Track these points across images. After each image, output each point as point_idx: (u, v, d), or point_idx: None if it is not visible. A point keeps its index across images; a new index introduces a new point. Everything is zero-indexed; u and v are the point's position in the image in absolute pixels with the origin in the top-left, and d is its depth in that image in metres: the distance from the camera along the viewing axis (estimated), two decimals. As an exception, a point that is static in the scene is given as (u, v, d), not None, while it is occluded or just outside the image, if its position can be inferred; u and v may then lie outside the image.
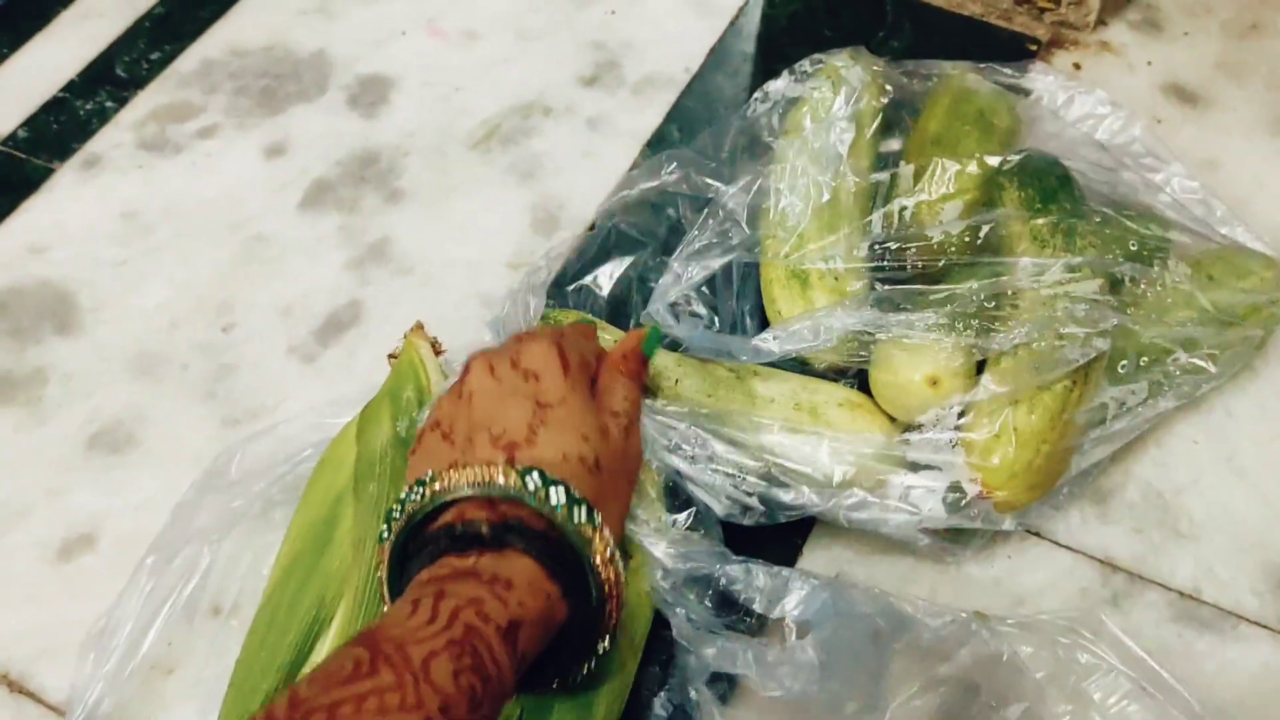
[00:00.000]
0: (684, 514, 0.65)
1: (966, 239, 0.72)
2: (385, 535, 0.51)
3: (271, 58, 0.99)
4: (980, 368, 0.69)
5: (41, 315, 0.84)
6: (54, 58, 1.00)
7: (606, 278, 0.81)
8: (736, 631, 0.63)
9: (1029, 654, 0.62)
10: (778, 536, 0.69)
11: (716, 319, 0.77)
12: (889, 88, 0.83)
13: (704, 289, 0.77)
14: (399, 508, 0.50)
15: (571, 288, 0.81)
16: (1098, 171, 0.76)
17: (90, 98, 0.97)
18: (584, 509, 0.49)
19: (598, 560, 0.49)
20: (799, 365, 0.73)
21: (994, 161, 0.75)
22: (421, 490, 0.50)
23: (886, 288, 0.71)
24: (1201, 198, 0.79)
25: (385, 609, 0.50)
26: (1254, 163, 0.89)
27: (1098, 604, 0.69)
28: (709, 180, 0.79)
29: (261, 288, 0.85)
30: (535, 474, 0.49)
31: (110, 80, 0.98)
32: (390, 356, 0.74)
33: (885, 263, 0.73)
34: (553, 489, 0.49)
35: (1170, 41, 0.97)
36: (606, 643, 0.51)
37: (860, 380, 0.72)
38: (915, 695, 0.61)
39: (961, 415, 0.68)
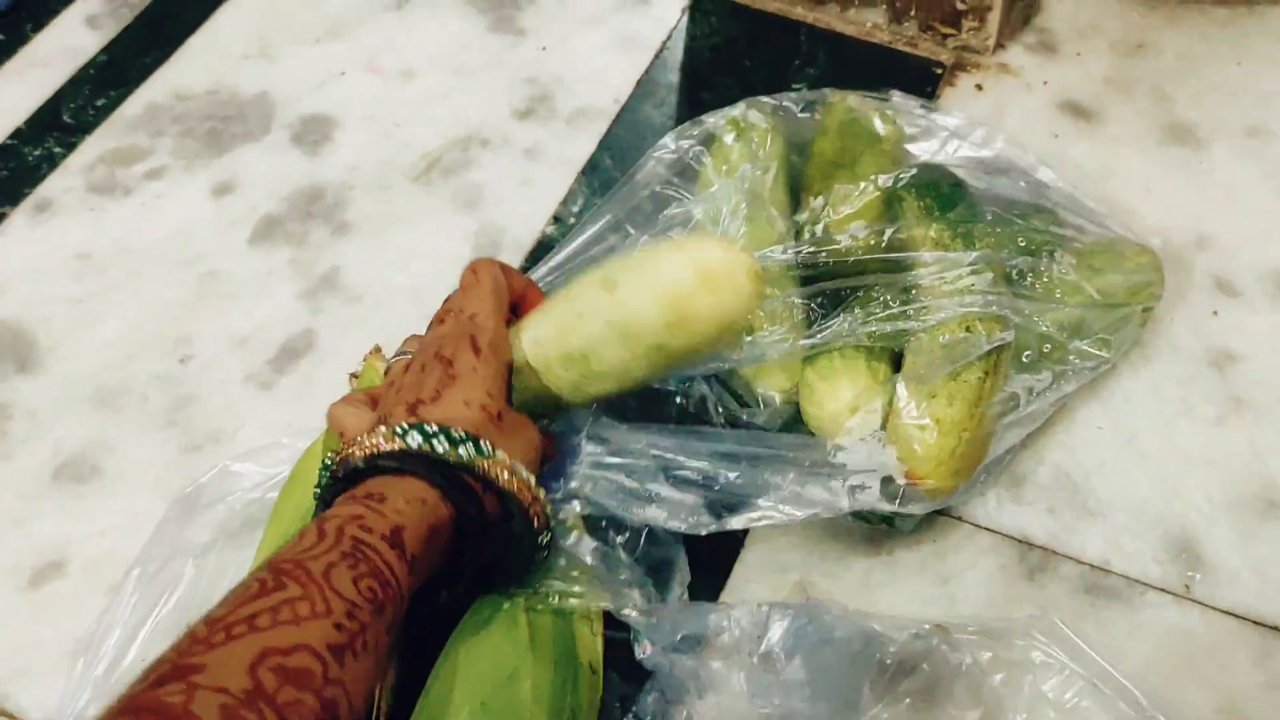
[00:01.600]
0: (622, 537, 0.69)
1: (873, 243, 0.78)
2: (315, 495, 0.58)
3: (216, 101, 1.03)
4: (897, 365, 0.75)
5: (1, 354, 0.87)
6: (0, 107, 1.03)
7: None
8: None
9: (988, 659, 0.67)
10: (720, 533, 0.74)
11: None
12: (785, 121, 0.89)
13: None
14: (324, 472, 0.58)
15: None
16: (980, 179, 0.83)
17: (39, 144, 1.00)
18: (471, 445, 0.54)
19: (490, 471, 0.55)
20: (723, 377, 0.78)
21: (890, 179, 0.81)
22: (334, 456, 0.57)
23: (805, 289, 0.76)
24: (1074, 197, 0.86)
25: None
26: (1144, 170, 0.96)
27: (1016, 579, 0.75)
28: (630, 230, 0.83)
29: (217, 321, 0.88)
30: (415, 431, 0.54)
31: (58, 126, 1.01)
32: (352, 376, 0.78)
33: (801, 266, 0.78)
34: (435, 439, 0.54)
35: (1064, 62, 1.04)
36: (546, 537, 0.60)
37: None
38: (884, 709, 0.65)
39: (885, 414, 0.73)
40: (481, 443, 0.55)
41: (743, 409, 0.77)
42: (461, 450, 0.54)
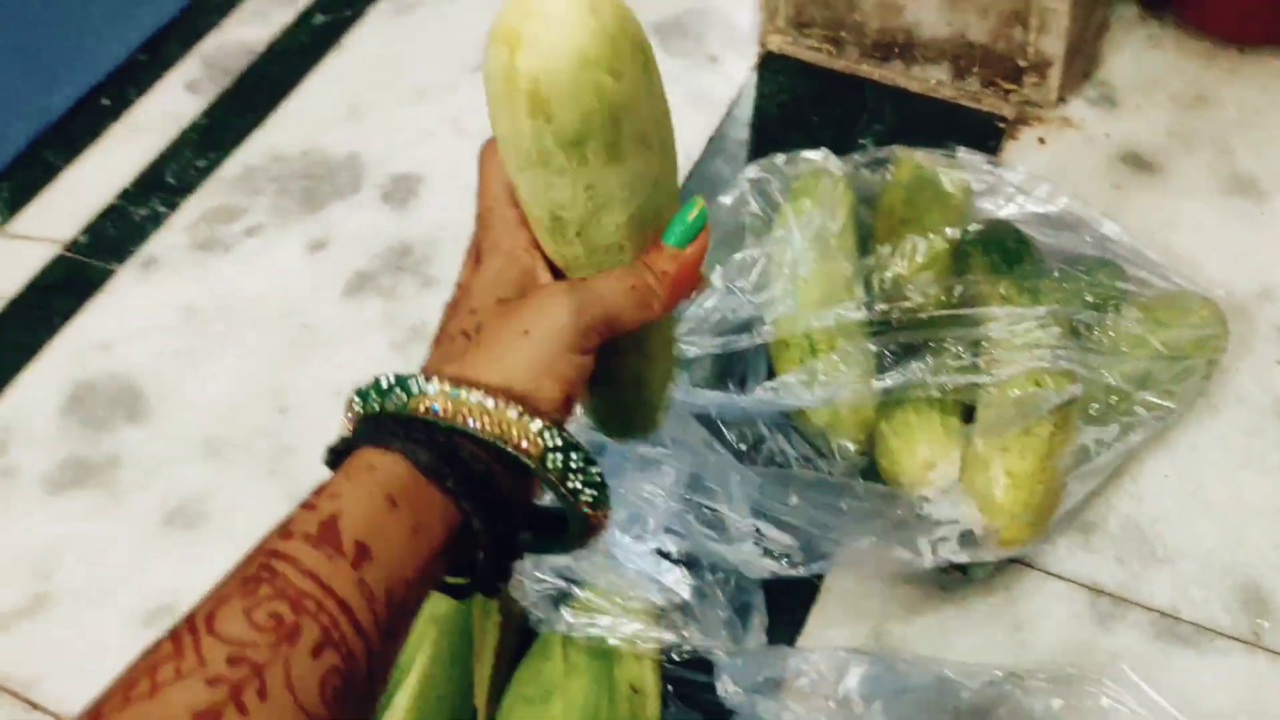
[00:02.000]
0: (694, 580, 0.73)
1: (943, 299, 0.81)
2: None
3: (309, 161, 1.08)
4: (967, 418, 0.78)
5: (113, 406, 0.92)
6: (107, 168, 1.09)
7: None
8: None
9: (1060, 706, 0.70)
10: (798, 579, 0.77)
11: (730, 383, 0.85)
12: (854, 176, 0.92)
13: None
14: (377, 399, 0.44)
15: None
16: (1045, 234, 0.86)
17: (144, 203, 1.06)
18: (399, 387, 0.43)
19: (419, 408, 0.42)
20: (798, 427, 0.81)
21: (958, 233, 0.84)
22: (390, 397, 0.44)
23: (877, 339, 0.79)
24: (1138, 250, 0.88)
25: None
26: (1207, 222, 0.98)
27: (1087, 626, 0.77)
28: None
29: (313, 371, 0.93)
30: (355, 395, 0.45)
31: (161, 187, 1.07)
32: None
33: (874, 323, 0.82)
34: (368, 395, 0.44)
35: (1125, 115, 1.07)
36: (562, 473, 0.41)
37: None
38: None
39: (960, 468, 0.76)
40: (412, 380, 0.43)
41: (819, 458, 0.80)
42: (391, 399, 0.43)
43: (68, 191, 1.08)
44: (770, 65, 1.13)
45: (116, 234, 1.04)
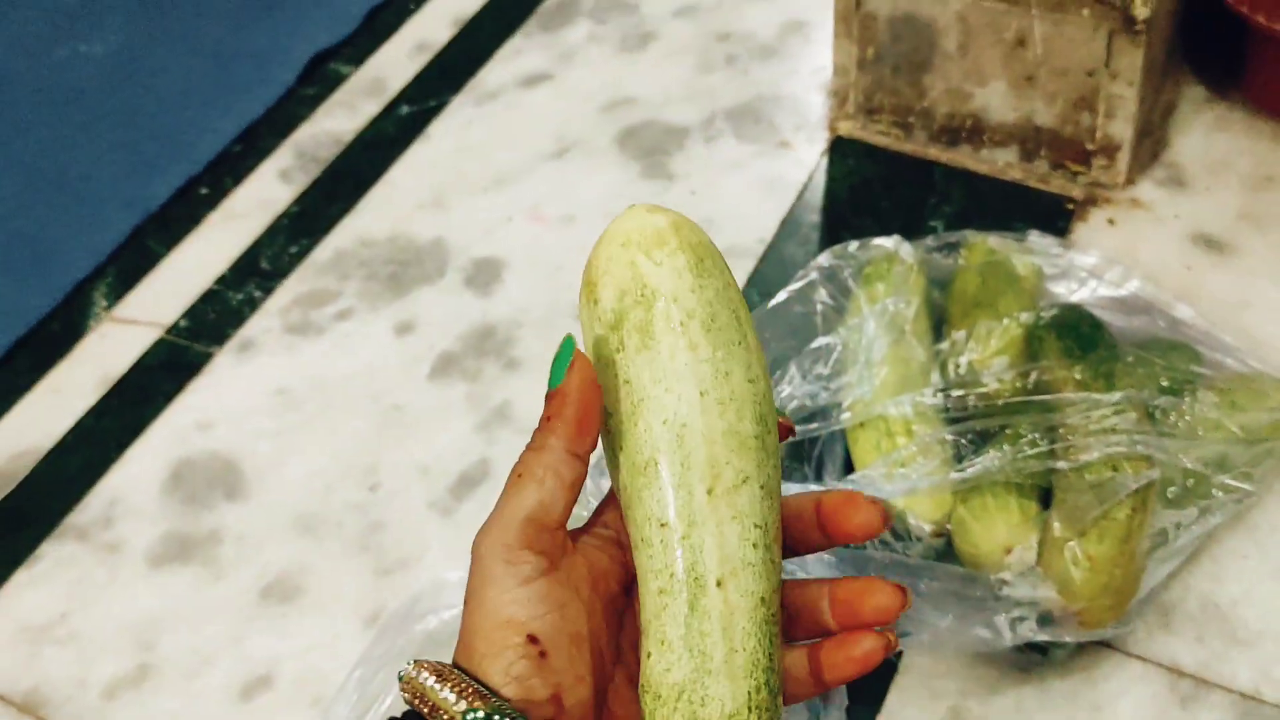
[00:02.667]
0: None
1: (1018, 385, 0.82)
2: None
3: (395, 246, 1.13)
4: (1045, 502, 0.79)
5: (212, 484, 0.96)
6: (205, 255, 1.15)
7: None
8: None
9: None
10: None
11: (807, 470, 0.87)
12: (926, 261, 0.95)
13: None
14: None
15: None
16: (1118, 317, 0.87)
17: (240, 288, 1.11)
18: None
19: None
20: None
21: (1031, 318, 0.86)
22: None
23: (953, 426, 0.81)
24: (1211, 333, 0.89)
25: None
26: (1280, 302, 0.99)
27: (1168, 708, 0.77)
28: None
29: (401, 451, 0.97)
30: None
31: (256, 272, 1.12)
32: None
33: (950, 409, 0.84)
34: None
35: (1194, 195, 1.08)
36: None
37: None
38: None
39: (1039, 550, 0.77)
40: (402, 669, 0.41)
41: (895, 542, 0.82)
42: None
43: (168, 278, 1.13)
44: (840, 150, 1.16)
45: (215, 318, 1.09)
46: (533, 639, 0.40)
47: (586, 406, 0.41)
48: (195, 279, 1.12)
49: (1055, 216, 1.08)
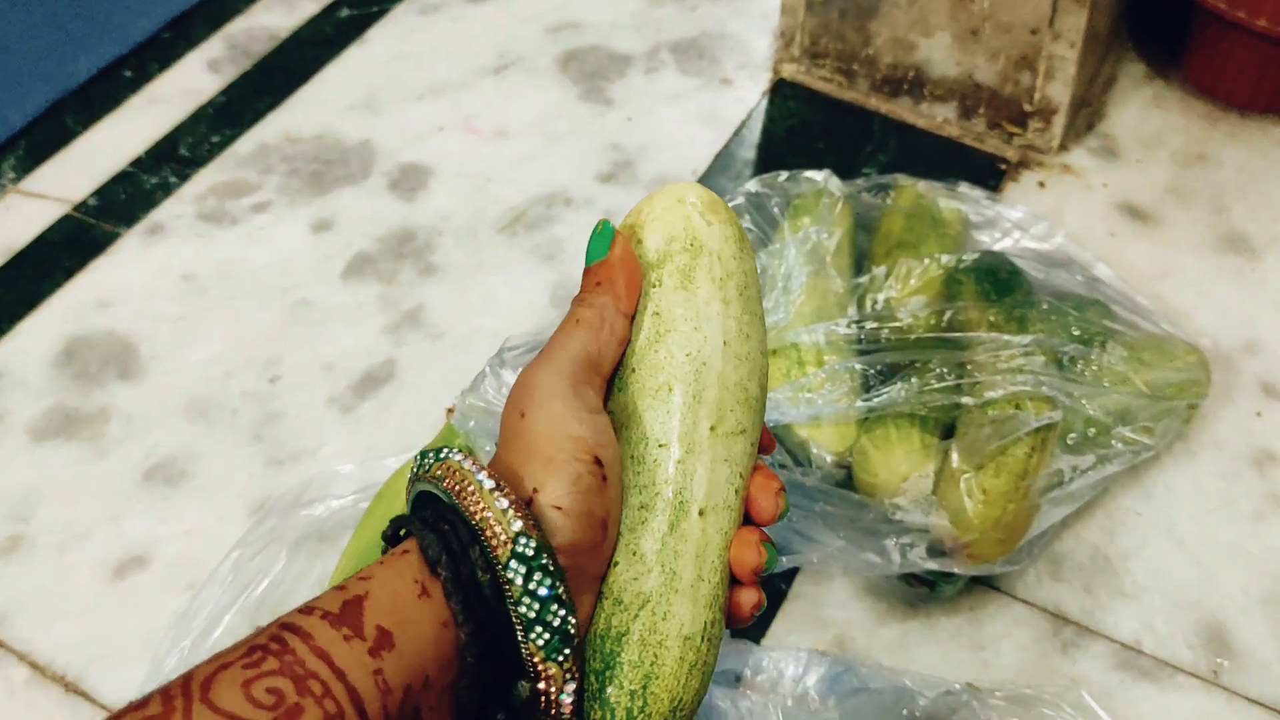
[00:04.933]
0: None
1: (932, 322, 0.82)
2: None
3: (321, 145, 1.10)
4: (947, 437, 0.79)
5: (106, 362, 0.93)
6: (123, 137, 1.11)
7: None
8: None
9: None
10: (765, 582, 0.78)
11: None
12: (854, 199, 0.94)
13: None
14: (420, 464, 0.41)
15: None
16: (1038, 270, 0.87)
17: (155, 173, 1.07)
18: (431, 455, 0.40)
19: (436, 475, 0.39)
20: (778, 435, 0.82)
21: (952, 260, 0.85)
22: (424, 462, 0.41)
23: (865, 357, 0.80)
24: (1127, 294, 0.90)
25: None
26: (1198, 275, 1.00)
27: (1049, 652, 0.78)
28: None
29: (306, 346, 0.94)
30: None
31: (174, 158, 1.09)
32: (449, 410, 0.83)
33: (863, 341, 0.83)
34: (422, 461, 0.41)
35: (1125, 167, 1.09)
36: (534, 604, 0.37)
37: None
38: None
39: (936, 480, 0.77)
40: (443, 452, 0.40)
41: (796, 467, 0.81)
42: (422, 464, 0.40)
43: (82, 155, 1.09)
44: (782, 92, 1.15)
45: (125, 199, 1.05)
46: (598, 461, 0.40)
47: (631, 274, 0.44)
48: (109, 159, 1.09)
49: (988, 175, 1.08)
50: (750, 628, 0.77)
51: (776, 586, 0.80)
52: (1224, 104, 1.13)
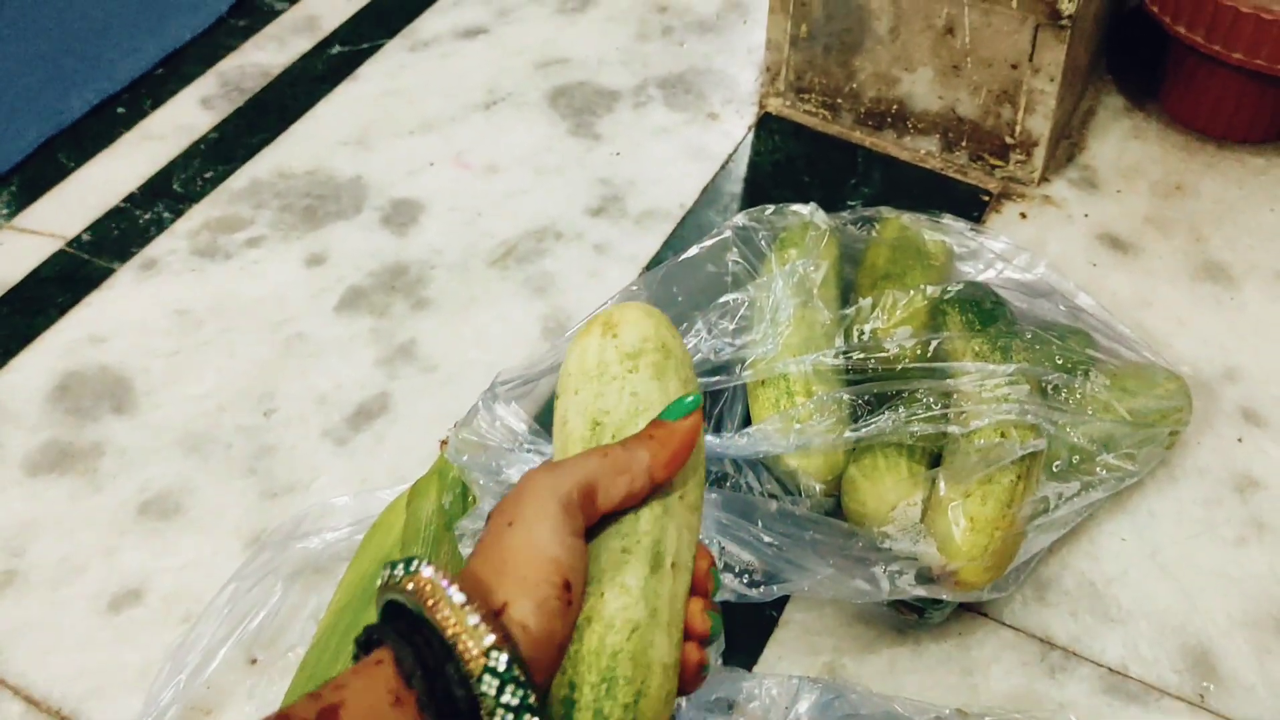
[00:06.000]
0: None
1: (918, 352, 0.83)
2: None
3: (314, 180, 1.11)
4: (936, 463, 0.80)
5: (100, 396, 0.94)
6: (116, 173, 1.12)
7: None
8: None
9: None
10: (757, 610, 0.79)
11: (707, 422, 0.87)
12: (840, 231, 0.96)
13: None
14: (389, 574, 0.42)
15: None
16: (1021, 300, 0.89)
17: (149, 208, 1.08)
18: (401, 566, 0.41)
19: (407, 588, 0.40)
20: (768, 464, 0.83)
21: (937, 291, 0.87)
22: (394, 574, 0.41)
23: (852, 388, 0.82)
24: (1109, 323, 0.91)
25: None
26: (1178, 303, 1.02)
27: (1037, 677, 0.79)
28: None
29: (300, 379, 0.95)
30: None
31: (168, 194, 1.10)
32: (442, 442, 0.84)
33: (850, 371, 0.84)
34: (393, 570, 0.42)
35: (1105, 197, 1.11)
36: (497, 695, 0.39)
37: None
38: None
39: (924, 509, 0.78)
40: (413, 564, 0.41)
41: (786, 496, 0.82)
42: (391, 574, 0.41)
43: (75, 191, 1.10)
44: (767, 126, 1.17)
45: (119, 235, 1.06)
46: (568, 586, 0.42)
47: (685, 448, 0.47)
48: (103, 195, 1.10)
49: (970, 207, 1.10)
50: (742, 654, 0.79)
51: (767, 614, 0.81)
52: (1201, 135, 1.15)
